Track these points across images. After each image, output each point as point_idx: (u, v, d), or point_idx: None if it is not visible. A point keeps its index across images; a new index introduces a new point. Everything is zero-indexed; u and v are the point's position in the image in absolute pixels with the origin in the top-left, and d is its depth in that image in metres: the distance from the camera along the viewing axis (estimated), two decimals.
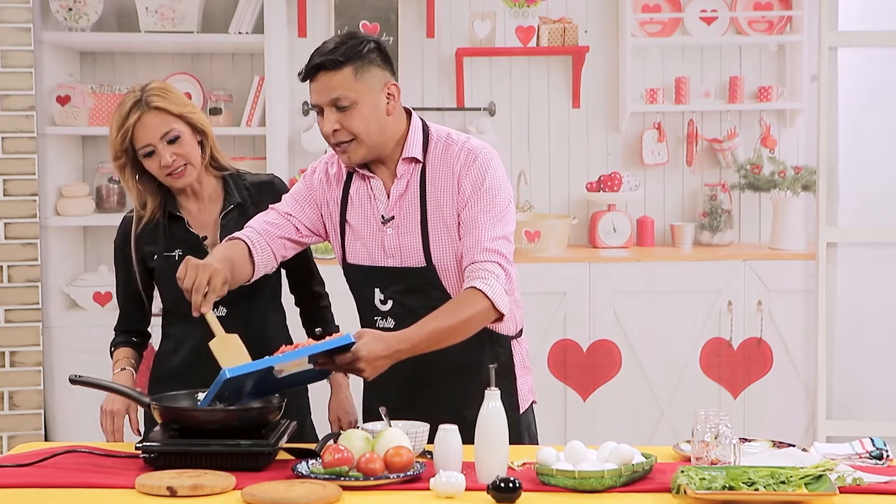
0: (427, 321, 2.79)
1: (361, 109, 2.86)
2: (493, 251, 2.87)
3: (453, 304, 2.84)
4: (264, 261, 2.99)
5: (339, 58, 2.83)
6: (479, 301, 2.82)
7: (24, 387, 4.69)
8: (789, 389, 4.82)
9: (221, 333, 2.83)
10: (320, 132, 2.92)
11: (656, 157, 4.87)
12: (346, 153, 2.91)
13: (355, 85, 2.85)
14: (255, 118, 4.81)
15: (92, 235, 4.85)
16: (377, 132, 2.90)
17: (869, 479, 2.51)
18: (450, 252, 2.94)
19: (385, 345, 2.71)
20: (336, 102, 2.85)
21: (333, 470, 2.51)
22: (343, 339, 2.66)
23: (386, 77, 2.90)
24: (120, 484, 2.54)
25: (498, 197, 2.92)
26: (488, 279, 2.84)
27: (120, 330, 3.29)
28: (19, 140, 4.66)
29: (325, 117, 2.88)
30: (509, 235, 2.93)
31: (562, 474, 2.47)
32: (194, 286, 2.76)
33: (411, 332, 2.77)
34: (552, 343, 4.82)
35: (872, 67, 4.86)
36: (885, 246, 4.86)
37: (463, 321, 2.81)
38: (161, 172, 3.11)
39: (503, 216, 2.92)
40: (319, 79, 2.85)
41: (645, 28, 4.86)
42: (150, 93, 3.09)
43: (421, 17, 4.81)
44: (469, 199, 2.91)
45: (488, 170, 2.93)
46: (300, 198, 3.05)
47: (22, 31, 4.64)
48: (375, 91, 2.87)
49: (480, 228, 2.88)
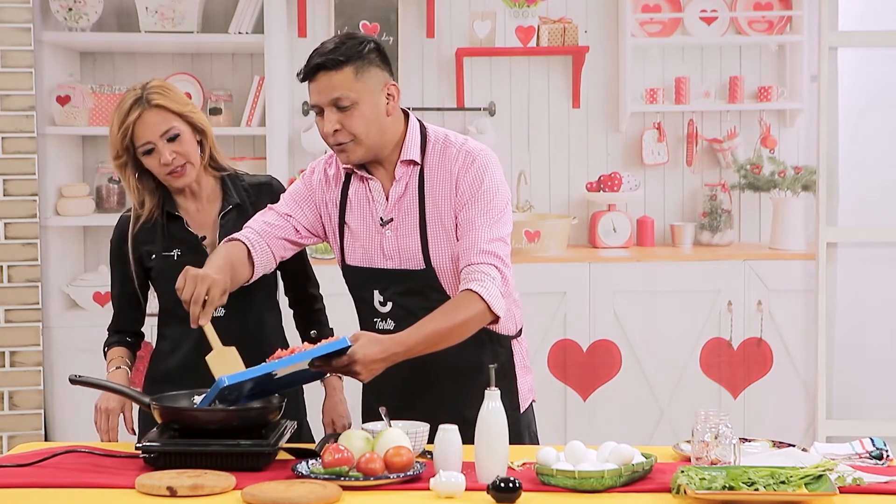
0: (423, 324, 2.79)
1: (362, 109, 2.86)
2: (490, 253, 2.87)
3: (449, 307, 2.83)
4: (263, 262, 2.99)
5: (339, 57, 2.83)
6: (475, 303, 2.82)
7: (24, 387, 4.69)
8: (789, 389, 4.82)
9: (218, 346, 2.82)
10: (319, 132, 2.92)
11: (656, 157, 4.87)
12: (345, 153, 2.91)
13: (356, 85, 2.84)
14: (255, 118, 4.81)
15: (92, 235, 4.85)
16: (377, 133, 2.89)
17: (869, 479, 2.51)
18: (448, 254, 2.93)
19: (381, 347, 2.71)
20: (336, 102, 2.85)
21: (333, 470, 2.51)
22: (339, 342, 2.66)
23: (385, 77, 2.90)
24: (120, 484, 2.54)
25: (495, 199, 2.92)
26: (484, 281, 2.84)
27: (114, 330, 3.28)
28: (19, 140, 4.67)
29: (325, 117, 2.87)
30: (506, 237, 2.92)
31: (562, 474, 2.47)
32: (193, 298, 2.75)
33: (407, 335, 2.76)
34: (552, 343, 4.82)
35: (872, 67, 4.86)
36: (885, 246, 4.86)
37: (459, 324, 2.81)
38: (161, 171, 3.11)
39: (500, 218, 2.92)
40: (319, 79, 2.85)
41: (645, 28, 4.86)
42: (151, 91, 3.09)
43: (421, 17, 4.81)
44: (466, 200, 2.91)
45: (486, 172, 2.93)
46: (299, 198, 3.05)
47: (22, 31, 4.64)
48: (375, 91, 2.87)
49: (477, 230, 2.88)
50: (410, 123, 2.98)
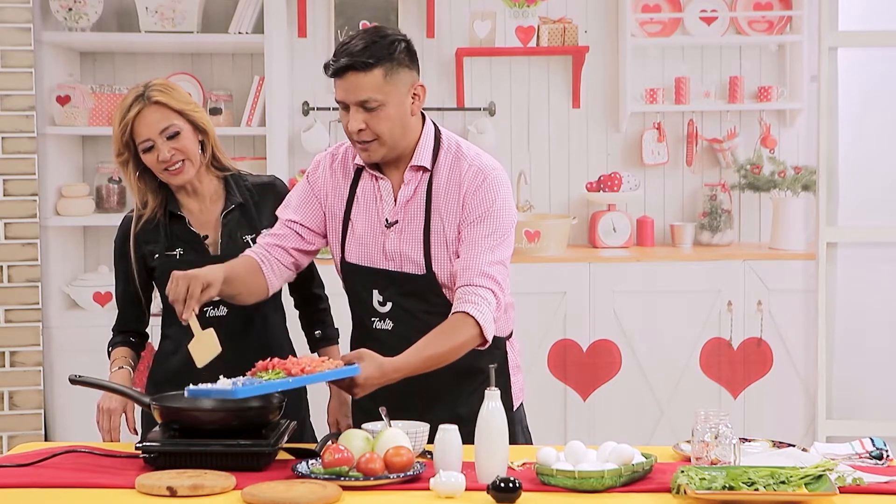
0: (421, 348, 2.80)
1: (388, 111, 2.85)
2: (489, 277, 2.87)
3: (446, 330, 2.84)
4: (277, 273, 3.00)
5: (369, 60, 2.81)
6: (470, 328, 2.83)
7: (24, 387, 4.69)
8: (789, 389, 4.82)
9: (198, 331, 2.84)
10: (343, 128, 2.91)
11: (656, 157, 4.87)
12: (367, 152, 2.90)
13: (384, 87, 2.83)
14: (255, 118, 4.81)
15: (92, 235, 4.85)
16: (401, 133, 2.89)
17: (869, 479, 2.51)
18: (448, 264, 2.93)
19: (381, 372, 2.74)
20: (364, 104, 2.83)
21: (333, 470, 2.51)
22: (351, 370, 2.69)
23: (413, 78, 2.89)
24: (120, 484, 2.54)
25: (501, 221, 2.92)
26: (480, 305, 2.84)
27: (118, 330, 3.28)
28: (19, 140, 4.67)
29: (350, 116, 2.86)
30: (506, 261, 2.92)
31: (562, 474, 2.47)
32: (175, 297, 2.78)
33: (406, 360, 2.78)
34: (552, 343, 4.82)
35: (872, 67, 4.86)
36: (885, 246, 4.86)
37: (454, 347, 2.83)
38: (158, 167, 3.11)
39: (503, 241, 2.92)
40: (348, 78, 2.83)
41: (645, 28, 4.86)
42: (153, 88, 3.10)
43: (421, 17, 4.81)
44: (473, 220, 2.91)
45: (497, 192, 2.92)
46: (304, 199, 3.04)
47: (22, 31, 4.65)
48: (403, 92, 2.86)
49: (479, 251, 2.88)
50: (426, 127, 2.97)
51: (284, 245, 3.01)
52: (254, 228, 3.17)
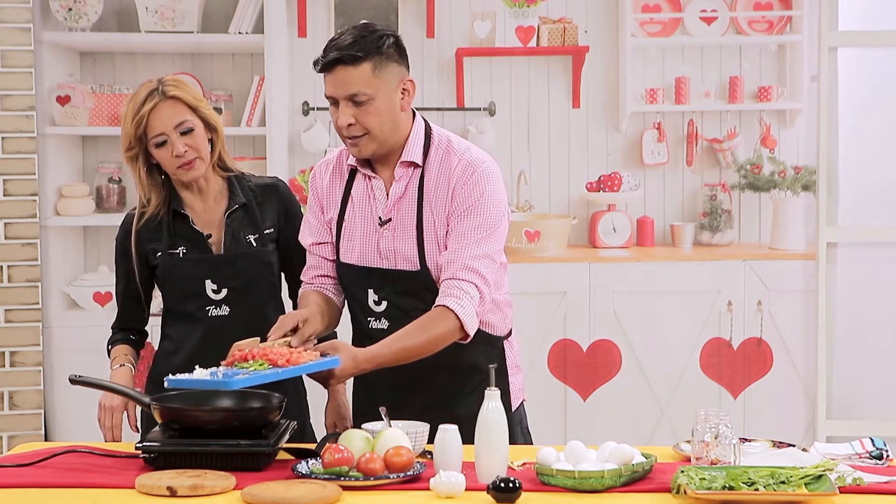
0: (395, 340, 2.82)
1: (377, 105, 2.85)
2: (474, 271, 2.86)
3: (422, 323, 2.84)
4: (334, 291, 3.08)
5: (357, 53, 2.82)
6: (448, 321, 2.84)
7: (24, 387, 4.69)
8: (789, 389, 4.82)
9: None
10: (333, 123, 2.91)
11: (656, 157, 4.87)
12: (357, 146, 2.90)
13: (373, 81, 2.84)
14: (255, 118, 4.81)
15: (92, 235, 4.85)
16: (391, 128, 2.89)
17: (869, 479, 2.51)
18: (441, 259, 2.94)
19: (354, 363, 2.78)
20: (353, 98, 2.84)
21: (333, 470, 2.51)
22: (332, 362, 2.74)
23: (402, 73, 2.90)
24: (120, 484, 2.54)
25: (490, 214, 2.90)
26: (462, 299, 2.84)
27: (117, 328, 3.28)
28: (19, 140, 4.67)
29: (340, 110, 2.87)
30: (493, 254, 2.91)
31: (562, 474, 2.47)
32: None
33: (379, 351, 2.81)
34: (552, 343, 4.82)
35: (872, 67, 4.86)
36: (885, 246, 4.86)
37: (430, 340, 2.84)
38: (172, 163, 3.11)
39: (491, 234, 2.90)
40: (337, 72, 2.84)
41: (645, 28, 4.87)
42: (167, 83, 3.11)
43: (421, 17, 4.81)
44: (461, 212, 2.90)
45: (485, 185, 2.91)
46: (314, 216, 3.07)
47: (22, 31, 4.65)
48: (392, 87, 2.87)
49: (465, 244, 2.88)
50: (416, 123, 2.97)
51: (322, 272, 3.07)
52: (257, 229, 3.18)
